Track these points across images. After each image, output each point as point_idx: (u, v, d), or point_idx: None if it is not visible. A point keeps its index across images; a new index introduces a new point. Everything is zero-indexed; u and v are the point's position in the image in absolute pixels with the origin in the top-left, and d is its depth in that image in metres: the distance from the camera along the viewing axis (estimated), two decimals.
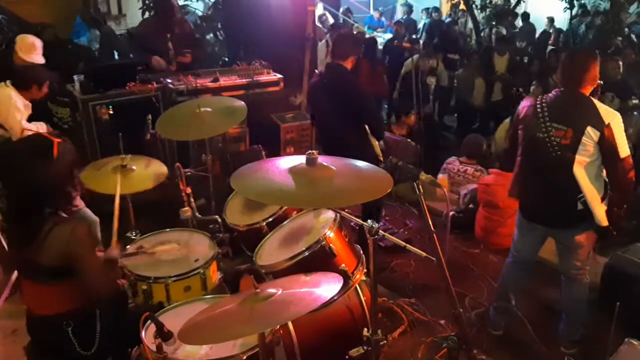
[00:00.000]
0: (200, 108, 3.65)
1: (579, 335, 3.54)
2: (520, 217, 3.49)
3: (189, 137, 4.46)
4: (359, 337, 2.60)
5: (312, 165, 2.22)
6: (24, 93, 4.48)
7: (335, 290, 2.16)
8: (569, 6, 11.11)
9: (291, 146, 5.78)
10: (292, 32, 6.31)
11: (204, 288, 2.97)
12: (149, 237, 3.30)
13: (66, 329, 2.41)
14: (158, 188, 3.42)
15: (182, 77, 5.43)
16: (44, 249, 2.27)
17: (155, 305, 2.81)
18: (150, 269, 2.96)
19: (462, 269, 4.47)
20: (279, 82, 5.78)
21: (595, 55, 3.15)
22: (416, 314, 3.78)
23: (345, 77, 4.08)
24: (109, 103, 5.01)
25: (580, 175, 3.07)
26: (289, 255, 2.70)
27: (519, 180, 3.41)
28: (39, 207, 2.30)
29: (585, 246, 3.27)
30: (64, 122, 5.62)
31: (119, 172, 3.26)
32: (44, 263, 2.29)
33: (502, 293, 3.70)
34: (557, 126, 3.08)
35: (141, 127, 4.46)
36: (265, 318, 1.96)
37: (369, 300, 2.78)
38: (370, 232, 2.28)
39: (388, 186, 2.19)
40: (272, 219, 3.25)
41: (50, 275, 2.33)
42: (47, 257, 2.28)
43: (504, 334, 3.71)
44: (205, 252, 3.11)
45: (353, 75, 4.22)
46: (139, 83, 5.23)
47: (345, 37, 4.57)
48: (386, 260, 4.44)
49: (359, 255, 2.87)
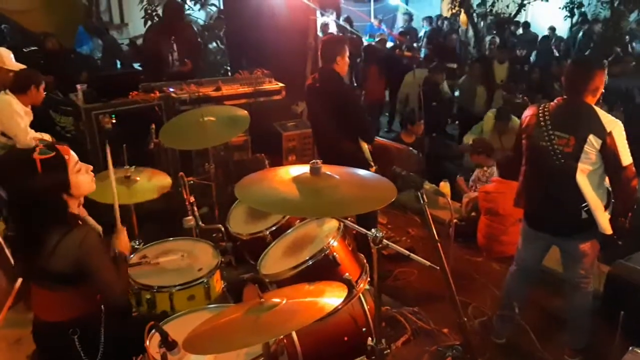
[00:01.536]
0: (203, 117, 3.66)
1: (583, 343, 3.53)
2: (525, 225, 3.49)
3: (192, 147, 4.47)
4: (362, 346, 2.60)
5: (316, 175, 2.23)
6: (23, 97, 4.47)
7: (339, 299, 2.16)
8: (569, 14, 11.15)
9: (293, 154, 5.79)
10: (293, 41, 6.33)
11: (208, 297, 2.97)
12: (152, 247, 3.30)
13: (72, 336, 2.41)
14: (161, 197, 3.44)
15: (184, 86, 5.45)
16: (55, 257, 2.27)
17: (158, 315, 2.80)
18: (154, 278, 2.96)
19: (465, 277, 4.45)
20: (281, 90, 5.80)
21: (601, 65, 3.16)
22: (419, 323, 3.77)
23: (334, 79, 4.19)
24: (112, 112, 5.02)
25: (583, 184, 3.07)
26: (292, 264, 2.69)
27: (523, 189, 3.42)
28: (38, 218, 2.31)
29: (590, 254, 3.27)
30: (66, 131, 5.65)
31: (123, 183, 3.29)
32: (55, 270, 2.29)
33: (506, 302, 3.69)
34: (560, 134, 3.09)
35: (144, 136, 4.47)
36: (270, 328, 1.97)
37: (372, 309, 2.78)
38: (374, 242, 2.29)
39: (392, 195, 2.20)
40: (275, 227, 3.24)
41: (61, 282, 2.34)
42: (58, 265, 2.28)
43: (507, 343, 3.70)
44: (208, 261, 3.11)
45: (341, 79, 4.32)
46: (142, 92, 5.25)
47: (328, 40, 4.69)
48: (389, 269, 4.43)
49: (363, 264, 2.87)
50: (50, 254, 2.27)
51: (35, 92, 4.52)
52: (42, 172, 2.25)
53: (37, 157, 2.26)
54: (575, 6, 11.10)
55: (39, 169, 2.25)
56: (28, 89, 4.48)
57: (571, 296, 3.47)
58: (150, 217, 3.88)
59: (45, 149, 2.30)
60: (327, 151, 4.27)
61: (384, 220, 5.38)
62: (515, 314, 3.66)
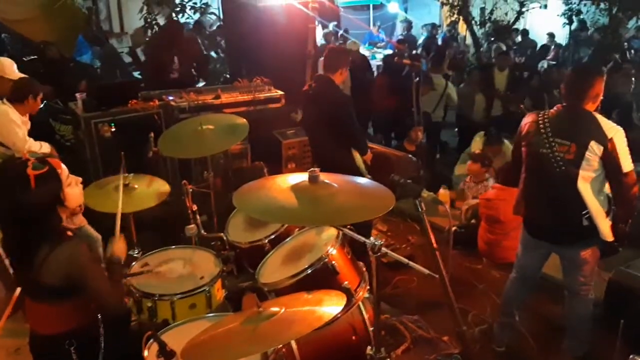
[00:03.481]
0: (202, 126, 3.67)
1: (583, 351, 3.52)
2: (524, 233, 3.48)
3: (191, 155, 4.47)
4: (362, 355, 2.58)
5: (315, 183, 2.23)
6: (20, 107, 4.47)
7: (339, 308, 2.15)
8: (568, 22, 11.19)
9: (292, 162, 5.80)
10: (293, 49, 6.36)
11: (209, 306, 2.96)
12: (154, 254, 3.30)
13: (69, 348, 2.40)
14: (161, 205, 3.44)
15: (184, 94, 5.46)
16: (44, 270, 2.25)
17: (159, 323, 2.79)
18: (155, 286, 2.96)
19: (464, 285, 4.44)
20: (280, 98, 5.81)
21: (601, 72, 3.17)
22: (419, 331, 3.75)
23: (330, 89, 4.27)
24: (111, 120, 5.03)
25: (584, 190, 3.07)
26: (291, 273, 2.68)
27: (523, 197, 3.41)
28: (30, 232, 2.28)
29: (590, 262, 3.27)
30: (66, 140, 5.66)
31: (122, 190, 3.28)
32: (47, 283, 2.28)
33: (506, 309, 3.68)
34: (561, 141, 3.08)
35: (143, 145, 4.47)
36: (268, 337, 1.96)
37: (371, 317, 2.77)
38: (372, 250, 2.28)
39: (390, 204, 2.19)
40: (274, 236, 3.25)
41: (53, 295, 2.32)
42: (49, 278, 2.26)
43: (507, 351, 3.68)
44: (210, 269, 3.11)
45: (337, 87, 4.38)
46: (141, 100, 5.26)
47: (336, 50, 4.75)
48: (388, 277, 4.42)
49: (362, 272, 2.86)
50: (39, 267, 2.25)
51: (32, 102, 4.51)
52: (36, 187, 2.22)
53: (30, 172, 2.22)
54: (574, 13, 11.12)
55: (32, 185, 2.21)
56: (25, 98, 4.47)
57: (571, 303, 3.46)
58: (149, 225, 3.87)
59: (37, 163, 2.26)
60: (322, 159, 4.34)
61: (384, 228, 5.38)
62: (515, 321, 3.66)
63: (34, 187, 2.22)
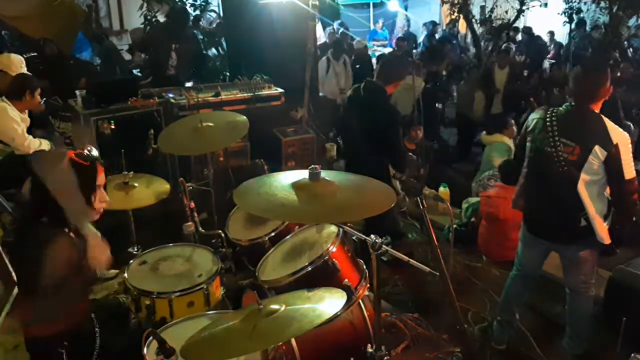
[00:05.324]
0: (202, 123, 3.66)
1: (583, 349, 3.51)
2: (524, 230, 3.47)
3: (191, 152, 4.47)
4: (362, 352, 2.58)
5: (315, 180, 2.22)
6: (18, 103, 4.47)
7: (339, 306, 2.14)
8: (568, 20, 11.17)
9: (292, 160, 5.79)
10: (293, 47, 6.35)
11: (207, 304, 2.96)
12: (152, 252, 3.30)
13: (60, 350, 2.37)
14: (159, 202, 3.43)
15: (183, 92, 5.45)
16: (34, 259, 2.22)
17: (157, 322, 2.79)
18: (153, 284, 2.95)
19: (464, 283, 4.44)
20: (280, 96, 5.81)
21: (607, 67, 3.15)
22: (419, 329, 3.74)
23: (381, 100, 4.10)
24: (111, 118, 5.03)
25: (583, 193, 3.06)
26: (291, 271, 2.68)
27: (523, 192, 3.40)
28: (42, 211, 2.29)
29: (590, 261, 3.26)
30: (66, 137, 5.64)
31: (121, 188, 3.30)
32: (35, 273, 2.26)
33: (506, 307, 3.68)
34: (566, 142, 3.06)
35: (143, 142, 4.47)
36: (269, 335, 1.95)
37: (372, 315, 2.77)
38: (373, 247, 2.27)
39: (391, 201, 2.19)
40: (274, 233, 3.24)
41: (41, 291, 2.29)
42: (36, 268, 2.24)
43: (507, 349, 3.68)
44: (208, 267, 3.10)
45: (389, 101, 4.23)
46: (141, 98, 5.25)
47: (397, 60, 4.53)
48: (389, 275, 4.42)
49: (362, 270, 2.86)
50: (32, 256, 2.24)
51: (30, 98, 4.52)
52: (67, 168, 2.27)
53: (71, 154, 2.30)
54: (574, 12, 11.10)
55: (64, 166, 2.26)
56: (23, 95, 4.47)
57: (571, 301, 3.46)
58: (149, 222, 3.87)
59: (84, 155, 2.34)
60: (356, 166, 4.07)
61: None
62: (515, 319, 3.66)
63: (65, 168, 2.26)
